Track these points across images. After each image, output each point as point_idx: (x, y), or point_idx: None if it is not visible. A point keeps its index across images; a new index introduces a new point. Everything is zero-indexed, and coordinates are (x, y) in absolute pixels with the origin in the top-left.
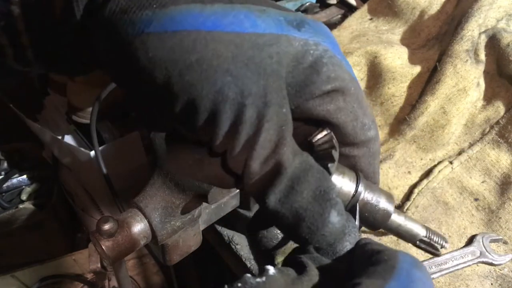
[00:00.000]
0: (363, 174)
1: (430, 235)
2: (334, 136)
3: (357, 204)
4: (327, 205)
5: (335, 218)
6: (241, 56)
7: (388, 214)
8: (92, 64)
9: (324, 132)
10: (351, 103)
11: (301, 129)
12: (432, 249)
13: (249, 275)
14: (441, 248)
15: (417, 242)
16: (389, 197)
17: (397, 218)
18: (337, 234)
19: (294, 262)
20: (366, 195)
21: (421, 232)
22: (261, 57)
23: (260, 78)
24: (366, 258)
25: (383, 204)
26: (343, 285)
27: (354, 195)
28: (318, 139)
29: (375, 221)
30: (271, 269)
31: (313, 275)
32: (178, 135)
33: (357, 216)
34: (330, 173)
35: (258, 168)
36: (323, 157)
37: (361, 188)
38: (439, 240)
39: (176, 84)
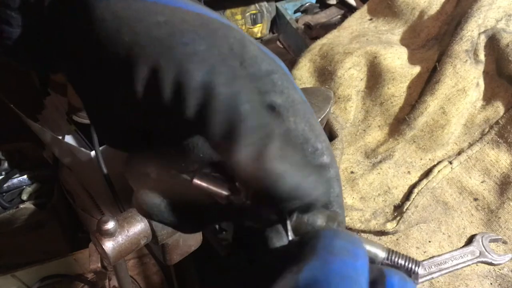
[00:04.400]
0: (319, 204)
1: (393, 257)
2: None
3: (286, 219)
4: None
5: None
6: (209, 26)
7: None
8: (57, 61)
9: None
10: (301, 125)
11: None
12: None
13: None
14: (412, 273)
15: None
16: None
17: None
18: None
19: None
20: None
21: (380, 254)
22: (228, 34)
23: (225, 43)
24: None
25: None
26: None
27: None
28: None
29: None
30: None
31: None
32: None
33: (288, 228)
34: None
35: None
36: None
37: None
38: (407, 263)
39: (143, 39)
